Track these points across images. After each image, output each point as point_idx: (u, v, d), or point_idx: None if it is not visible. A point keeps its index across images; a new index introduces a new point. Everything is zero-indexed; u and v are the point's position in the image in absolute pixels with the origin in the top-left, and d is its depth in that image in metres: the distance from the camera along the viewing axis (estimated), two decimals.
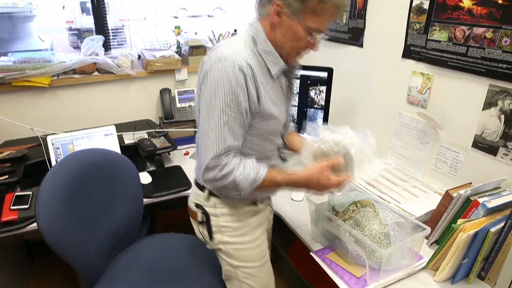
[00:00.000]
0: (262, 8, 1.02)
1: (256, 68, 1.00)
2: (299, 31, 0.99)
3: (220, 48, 1.00)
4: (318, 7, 0.95)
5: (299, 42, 1.02)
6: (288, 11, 0.96)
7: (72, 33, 3.11)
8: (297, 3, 0.94)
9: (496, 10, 1.19)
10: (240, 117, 0.98)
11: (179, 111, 2.16)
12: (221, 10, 4.50)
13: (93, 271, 1.35)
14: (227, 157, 0.99)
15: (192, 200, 1.21)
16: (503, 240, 1.06)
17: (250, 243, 1.18)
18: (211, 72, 0.96)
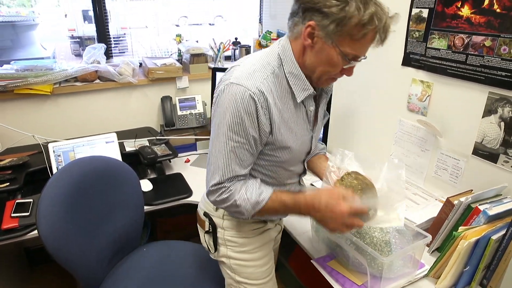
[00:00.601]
0: (293, 26, 0.93)
1: (274, 94, 0.93)
2: (333, 56, 0.89)
3: (237, 69, 0.94)
4: (356, 31, 0.84)
5: (332, 67, 0.92)
6: (322, 34, 0.86)
7: (74, 41, 3.14)
8: (332, 26, 0.84)
9: (494, 19, 1.20)
10: (248, 144, 0.93)
11: (180, 119, 2.17)
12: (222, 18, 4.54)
13: (94, 279, 1.34)
14: (230, 183, 0.96)
15: (202, 207, 1.18)
16: (505, 248, 1.06)
17: (254, 261, 1.15)
18: (222, 95, 0.92)
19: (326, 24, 0.84)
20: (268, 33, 2.52)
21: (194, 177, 1.82)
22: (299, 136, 1.02)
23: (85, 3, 3.09)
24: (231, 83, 0.90)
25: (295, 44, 0.94)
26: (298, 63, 0.95)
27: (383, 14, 0.85)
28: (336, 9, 0.82)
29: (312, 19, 0.86)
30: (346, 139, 2.02)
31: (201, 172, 1.89)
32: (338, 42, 0.87)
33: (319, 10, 0.84)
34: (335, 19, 0.83)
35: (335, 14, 0.83)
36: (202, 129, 2.17)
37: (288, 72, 0.95)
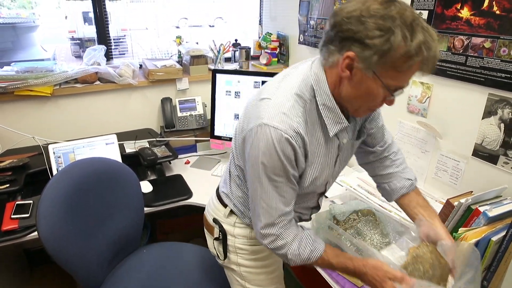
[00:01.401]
0: (328, 55, 0.82)
1: (308, 130, 0.87)
2: (374, 89, 0.80)
3: (268, 105, 0.85)
4: (401, 62, 0.75)
5: (372, 100, 0.84)
6: (362, 66, 0.76)
7: (74, 42, 3.15)
8: (375, 57, 0.74)
9: (494, 21, 1.20)
10: (289, 182, 0.88)
11: (180, 120, 2.17)
12: (222, 19, 4.54)
13: (94, 280, 1.34)
14: (281, 225, 0.91)
15: (211, 213, 1.15)
16: (505, 249, 1.06)
17: (265, 268, 1.13)
18: (256, 136, 0.84)
19: (367, 56, 0.75)
20: (268, 34, 2.53)
21: (194, 178, 1.82)
22: (324, 169, 0.96)
23: (85, 5, 3.10)
24: (265, 124, 0.82)
25: (330, 73, 0.85)
26: (332, 94, 0.86)
27: (432, 42, 0.75)
28: (380, 41, 0.73)
29: (351, 49, 0.76)
30: None
31: (201, 173, 1.90)
32: (380, 74, 0.77)
33: (359, 40, 0.74)
34: (378, 50, 0.73)
35: (378, 45, 0.73)
36: (202, 130, 2.17)
37: (322, 104, 0.87)
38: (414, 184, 1.10)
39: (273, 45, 2.50)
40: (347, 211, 1.25)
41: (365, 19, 0.73)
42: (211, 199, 1.18)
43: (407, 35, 0.72)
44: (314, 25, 2.11)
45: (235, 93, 1.89)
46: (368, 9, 0.74)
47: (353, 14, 0.75)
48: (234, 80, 1.88)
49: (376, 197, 1.51)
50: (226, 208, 1.09)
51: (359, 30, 0.74)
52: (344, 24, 0.76)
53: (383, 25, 0.72)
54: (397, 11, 0.73)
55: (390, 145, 1.12)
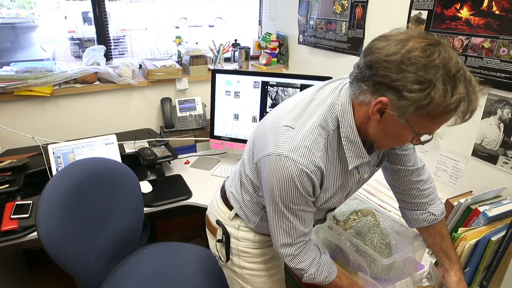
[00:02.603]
0: (359, 91, 0.77)
1: (328, 161, 0.85)
2: (404, 134, 0.77)
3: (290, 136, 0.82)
4: (438, 115, 0.70)
5: (399, 142, 0.83)
6: (395, 113, 0.71)
7: (74, 42, 3.15)
8: (411, 108, 0.69)
9: (494, 21, 1.21)
10: (309, 207, 0.88)
11: (180, 120, 2.17)
12: (222, 20, 4.54)
13: (93, 280, 1.34)
14: (299, 245, 0.92)
15: (214, 214, 1.13)
16: (505, 249, 1.06)
17: (268, 271, 1.13)
18: (275, 166, 0.82)
19: (402, 106, 0.69)
20: (268, 34, 2.53)
21: (193, 178, 1.82)
22: (337, 194, 0.95)
23: (84, 5, 3.10)
24: (286, 156, 0.80)
25: (358, 108, 0.81)
26: (357, 128, 0.82)
27: (473, 95, 0.70)
28: (419, 95, 0.67)
29: (385, 95, 0.71)
30: None
31: (201, 173, 1.90)
32: (412, 123, 0.72)
33: (396, 89, 0.69)
34: (416, 103, 0.68)
35: (416, 99, 0.68)
36: (201, 130, 2.17)
37: (344, 137, 0.84)
38: (439, 219, 1.06)
39: (272, 45, 2.50)
40: (347, 211, 1.25)
41: (405, 67, 0.67)
42: (215, 200, 1.15)
43: (449, 89, 0.67)
44: (313, 25, 2.11)
45: (235, 93, 1.89)
46: (409, 55, 0.68)
47: (392, 58, 0.69)
48: (234, 80, 1.88)
49: (376, 197, 1.51)
50: (231, 211, 1.08)
51: (398, 79, 0.68)
52: (382, 68, 0.70)
53: (424, 78, 0.67)
54: (441, 60, 0.67)
55: (419, 169, 1.04)
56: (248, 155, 0.98)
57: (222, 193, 1.13)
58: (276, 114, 0.91)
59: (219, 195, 1.14)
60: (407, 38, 0.70)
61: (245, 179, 1.01)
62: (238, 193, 1.06)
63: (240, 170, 1.05)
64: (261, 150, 0.88)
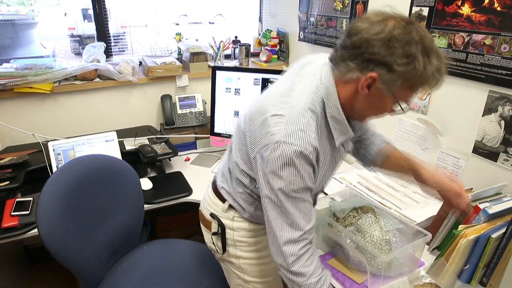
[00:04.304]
0: (346, 70, 0.84)
1: (320, 142, 0.89)
2: (388, 104, 0.87)
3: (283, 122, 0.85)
4: (418, 84, 0.81)
5: (381, 111, 0.91)
6: (383, 86, 0.81)
7: (74, 39, 3.14)
8: (399, 81, 0.79)
9: (495, 17, 1.20)
10: (307, 196, 0.90)
11: (180, 117, 2.16)
12: (222, 16, 4.53)
13: (93, 277, 1.34)
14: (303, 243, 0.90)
15: (208, 208, 1.15)
16: (505, 246, 1.06)
17: (263, 259, 1.14)
18: (273, 154, 0.83)
19: (390, 79, 0.79)
20: (268, 31, 2.52)
21: (194, 175, 1.82)
22: (327, 173, 0.98)
23: (84, 2, 3.09)
24: (283, 142, 0.82)
25: (343, 87, 0.88)
26: (342, 107, 0.89)
27: (443, 65, 0.81)
28: (407, 68, 0.77)
29: (375, 70, 0.79)
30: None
31: (201, 170, 1.90)
32: (396, 93, 0.83)
33: (385, 64, 0.78)
34: (403, 75, 0.78)
35: (403, 71, 0.77)
36: (202, 127, 2.17)
37: (331, 116, 0.90)
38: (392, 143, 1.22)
39: (273, 42, 2.50)
40: (347, 208, 1.25)
41: (392, 44, 0.76)
42: (207, 194, 1.18)
43: (426, 61, 0.77)
44: (314, 22, 2.11)
45: (235, 90, 1.88)
46: (393, 33, 0.76)
47: (379, 37, 0.77)
48: (234, 77, 1.87)
49: (376, 194, 1.51)
50: (224, 203, 1.10)
51: (387, 55, 0.77)
52: (371, 46, 0.78)
53: (409, 52, 0.76)
54: (419, 37, 0.77)
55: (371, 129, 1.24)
56: (241, 151, 0.99)
57: (213, 188, 1.15)
58: (261, 106, 0.92)
59: (210, 189, 1.17)
60: (386, 18, 0.79)
61: (239, 174, 1.02)
62: (230, 187, 1.08)
63: (229, 166, 1.07)
64: (256, 144, 0.89)
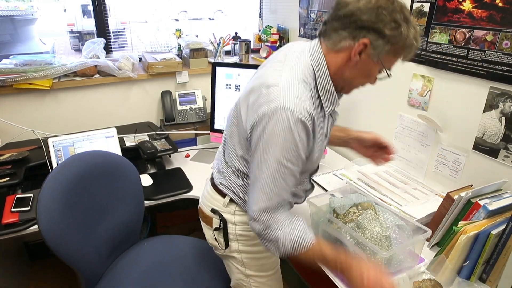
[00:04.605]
0: (339, 39, 0.90)
1: (315, 112, 0.91)
2: (375, 71, 0.94)
3: (277, 91, 0.88)
4: (401, 50, 0.90)
5: (368, 79, 0.97)
6: (373, 52, 0.88)
7: (73, 35, 3.13)
8: (387, 46, 0.87)
9: (496, 13, 1.19)
10: (297, 169, 0.92)
11: (180, 114, 2.16)
12: (222, 12, 4.51)
13: (94, 273, 1.35)
14: (277, 212, 0.93)
15: (207, 204, 1.16)
16: (504, 243, 1.06)
17: (265, 253, 1.15)
18: (270, 121, 0.86)
19: (380, 44, 0.86)
20: (268, 27, 2.51)
21: (194, 172, 1.82)
22: (321, 146, 1.01)
23: None
24: (281, 108, 0.85)
25: (334, 57, 0.92)
26: (332, 78, 0.94)
27: (418, 35, 0.90)
28: (394, 32, 0.85)
29: (367, 37, 0.86)
30: None
31: (201, 167, 1.90)
32: (383, 59, 0.90)
33: (376, 30, 0.85)
34: (390, 40, 0.86)
35: (391, 35, 0.85)
36: (202, 124, 2.17)
37: (321, 87, 0.94)
38: None
39: (273, 38, 2.48)
40: (347, 205, 1.25)
41: (381, 12, 0.84)
42: (206, 191, 1.19)
43: (407, 28, 0.86)
44: (314, 17, 2.10)
45: (235, 86, 1.88)
46: (379, 3, 0.84)
47: (369, 6, 0.84)
48: (234, 73, 1.87)
49: (376, 191, 1.51)
50: (225, 197, 1.10)
51: (377, 21, 0.84)
52: (363, 14, 0.85)
53: (395, 18, 0.84)
54: (399, 7, 0.86)
55: None
56: (239, 134, 1.01)
57: (212, 184, 1.16)
58: (254, 85, 0.96)
59: (209, 186, 1.17)
60: None
61: (238, 162, 1.04)
62: (228, 181, 1.09)
63: (226, 160, 1.09)
64: (252, 116, 0.91)
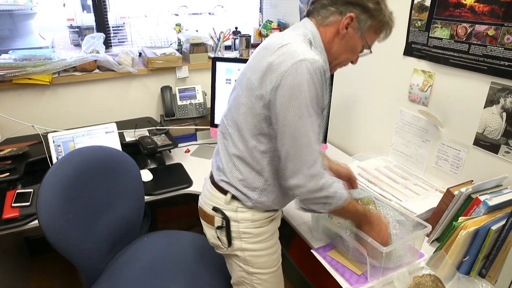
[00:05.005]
0: (329, 14, 1.00)
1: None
2: (358, 46, 1.02)
3: (292, 47, 0.93)
4: (379, 26, 1.00)
5: (352, 55, 1.05)
6: (357, 25, 0.98)
7: (73, 30, 3.11)
8: (369, 21, 0.98)
9: (499, 8, 1.19)
10: (319, 117, 0.97)
11: (180, 109, 2.16)
12: (222, 7, 4.49)
13: (94, 268, 1.35)
14: (321, 163, 0.96)
15: (208, 202, 1.14)
16: (504, 238, 1.06)
17: (268, 250, 1.15)
18: (297, 73, 0.90)
19: (363, 18, 0.97)
20: (269, 22, 2.50)
21: (194, 167, 1.82)
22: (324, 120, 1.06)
23: None
24: (302, 60, 0.90)
25: (324, 31, 1.01)
26: (325, 50, 1.01)
27: (393, 17, 1.02)
28: (376, 6, 0.97)
29: (353, 12, 0.97)
30: (347, 129, 2.01)
31: (201, 162, 1.90)
32: (366, 34, 1.00)
33: (361, 5, 0.96)
34: (372, 14, 0.97)
35: (373, 10, 0.97)
36: (202, 119, 2.16)
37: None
38: None
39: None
40: None
41: None
42: (206, 189, 1.17)
43: (385, 6, 0.99)
44: None
45: (236, 82, 1.87)
46: None
47: None
48: (234, 68, 1.86)
49: (377, 186, 1.51)
50: (226, 195, 1.09)
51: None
52: None
53: None
54: None
55: None
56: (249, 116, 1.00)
57: (212, 182, 1.15)
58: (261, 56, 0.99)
59: (209, 184, 1.16)
60: None
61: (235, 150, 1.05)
62: (229, 177, 1.08)
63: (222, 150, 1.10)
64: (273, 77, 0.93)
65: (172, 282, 1.33)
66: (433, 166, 1.55)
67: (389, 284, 1.11)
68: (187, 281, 1.34)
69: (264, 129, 0.99)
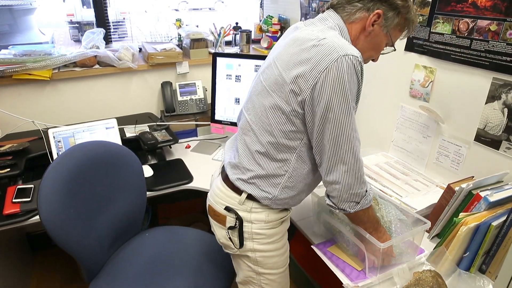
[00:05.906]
0: (355, 10, 0.98)
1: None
2: (382, 43, 1.02)
3: (331, 42, 0.90)
4: (405, 24, 1.01)
5: (376, 53, 1.04)
6: (384, 23, 0.98)
7: (73, 26, 3.10)
8: (396, 18, 0.98)
9: (501, 2, 1.18)
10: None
11: (180, 104, 2.15)
12: (223, 3, 4.47)
13: (95, 263, 1.35)
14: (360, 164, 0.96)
15: (220, 202, 1.10)
16: (505, 234, 1.06)
17: (278, 250, 1.13)
18: (341, 68, 0.87)
19: (390, 16, 0.97)
20: (269, 17, 2.49)
21: (194, 163, 1.82)
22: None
23: None
24: (344, 55, 0.87)
25: (352, 26, 1.00)
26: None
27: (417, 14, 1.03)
28: (403, 3, 0.97)
29: (380, 8, 0.96)
30: None
31: (202, 157, 1.90)
32: (391, 31, 1.00)
33: (389, 1, 0.96)
34: (400, 11, 0.97)
35: (400, 7, 0.97)
36: (202, 114, 2.16)
37: None
38: None
39: (274, 28, 2.46)
40: None
41: None
42: (217, 188, 1.12)
43: (412, 2, 0.97)
44: (316, 7, 2.07)
45: (236, 77, 1.87)
46: None
47: None
48: (235, 64, 1.85)
49: (378, 183, 1.51)
50: (241, 194, 1.06)
51: None
52: None
53: None
54: None
55: None
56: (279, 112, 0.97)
57: (225, 180, 1.11)
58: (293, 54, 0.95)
59: (221, 183, 1.12)
60: None
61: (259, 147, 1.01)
62: (248, 174, 1.04)
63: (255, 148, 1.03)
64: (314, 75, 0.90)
65: (173, 277, 1.34)
66: (434, 162, 1.54)
67: (389, 280, 1.11)
68: (188, 276, 1.35)
69: (295, 125, 0.97)
